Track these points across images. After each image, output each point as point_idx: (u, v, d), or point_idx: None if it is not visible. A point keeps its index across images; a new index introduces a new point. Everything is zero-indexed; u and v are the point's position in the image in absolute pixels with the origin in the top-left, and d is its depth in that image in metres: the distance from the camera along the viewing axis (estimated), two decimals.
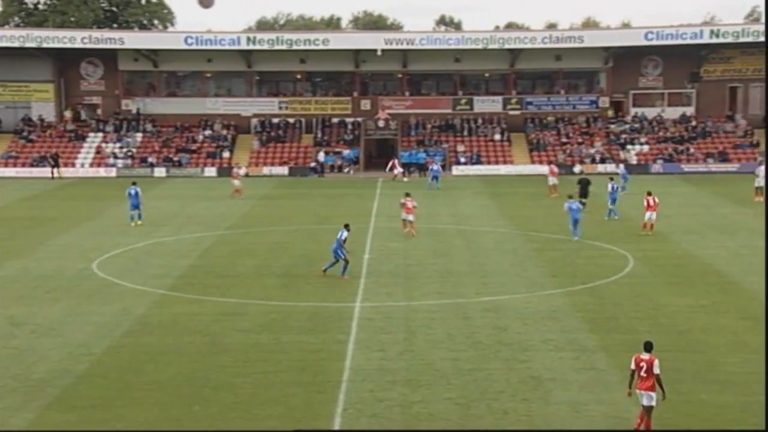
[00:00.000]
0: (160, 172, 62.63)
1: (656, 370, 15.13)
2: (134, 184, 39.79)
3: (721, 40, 63.05)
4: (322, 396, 17.29)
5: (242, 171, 54.18)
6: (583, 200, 40.45)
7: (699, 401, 16.68)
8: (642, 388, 15.19)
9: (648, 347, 15.46)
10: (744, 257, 30.62)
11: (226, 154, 65.15)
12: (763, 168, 47.15)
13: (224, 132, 67.30)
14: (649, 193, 35.86)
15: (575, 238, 34.15)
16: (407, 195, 36.06)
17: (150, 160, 64.08)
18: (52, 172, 61.19)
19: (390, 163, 59.42)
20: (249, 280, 27.84)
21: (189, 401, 17.03)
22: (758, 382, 17.62)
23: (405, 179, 57.63)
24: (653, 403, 15.11)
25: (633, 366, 15.35)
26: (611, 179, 40.84)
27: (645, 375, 15.16)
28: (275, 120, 68.33)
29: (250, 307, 24.27)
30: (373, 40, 66.90)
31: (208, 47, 64.70)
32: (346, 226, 28.17)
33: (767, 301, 22.11)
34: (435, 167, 54.57)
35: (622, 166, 54.53)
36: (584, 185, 42.62)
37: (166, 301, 25.08)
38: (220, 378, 18.36)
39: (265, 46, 64.21)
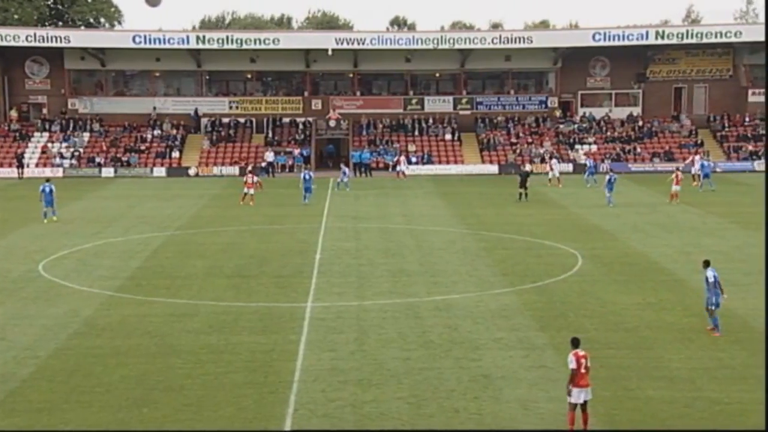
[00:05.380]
0: (108, 172, 61.83)
1: (588, 364, 15.28)
2: (48, 181, 40.58)
3: (666, 41, 64.18)
4: (273, 397, 17.19)
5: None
6: (521, 190, 46.12)
7: (646, 397, 16.93)
8: (584, 385, 15.15)
9: (578, 342, 15.60)
10: (690, 255, 31.11)
11: (175, 154, 64.54)
12: (696, 158, 55.94)
13: (174, 132, 66.62)
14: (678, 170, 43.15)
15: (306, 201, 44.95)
16: (249, 172, 46.98)
17: (98, 160, 63.21)
18: (19, 173, 60.52)
19: (396, 160, 61.17)
20: (199, 280, 27.57)
21: (138, 404, 16.81)
22: (702, 378, 17.97)
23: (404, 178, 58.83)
24: (590, 397, 15.27)
25: (575, 365, 15.15)
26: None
27: (584, 371, 15.20)
28: (225, 119, 67.84)
29: (200, 308, 24.03)
30: (324, 40, 66.86)
31: (157, 46, 64.00)
32: (707, 263, 21.67)
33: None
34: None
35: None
36: (523, 177, 47.01)
37: (114, 303, 24.73)
38: (169, 380, 18.15)
39: (215, 46, 63.76)
